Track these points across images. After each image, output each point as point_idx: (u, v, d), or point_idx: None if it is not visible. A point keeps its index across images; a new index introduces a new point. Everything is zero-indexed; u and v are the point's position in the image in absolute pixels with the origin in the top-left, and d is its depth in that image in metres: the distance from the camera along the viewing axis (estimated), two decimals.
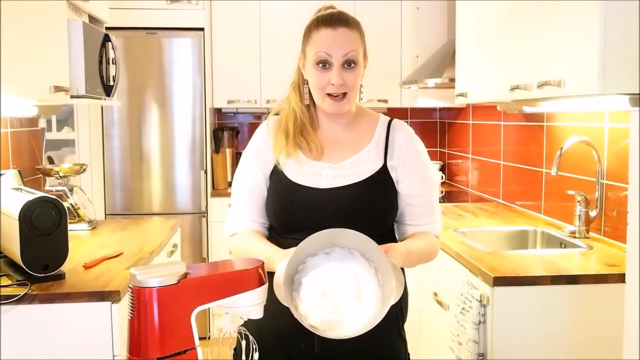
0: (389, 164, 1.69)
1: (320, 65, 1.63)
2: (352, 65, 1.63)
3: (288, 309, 1.35)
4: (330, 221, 1.57)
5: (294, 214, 1.68)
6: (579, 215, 2.70)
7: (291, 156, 1.69)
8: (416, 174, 1.71)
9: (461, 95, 3.31)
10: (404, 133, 1.74)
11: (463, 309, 2.31)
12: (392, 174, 1.69)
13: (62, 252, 2.08)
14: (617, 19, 1.96)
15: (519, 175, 3.51)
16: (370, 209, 1.67)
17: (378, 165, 1.69)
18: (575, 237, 2.68)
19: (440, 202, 4.06)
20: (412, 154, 1.72)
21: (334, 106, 1.65)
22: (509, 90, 2.60)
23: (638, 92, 1.97)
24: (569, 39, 2.16)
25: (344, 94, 1.64)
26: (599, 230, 2.69)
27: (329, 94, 1.64)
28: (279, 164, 1.70)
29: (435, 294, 2.80)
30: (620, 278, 2.06)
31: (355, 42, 1.64)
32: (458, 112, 4.54)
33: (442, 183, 4.75)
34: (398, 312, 1.79)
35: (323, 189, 1.66)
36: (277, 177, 1.71)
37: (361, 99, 1.71)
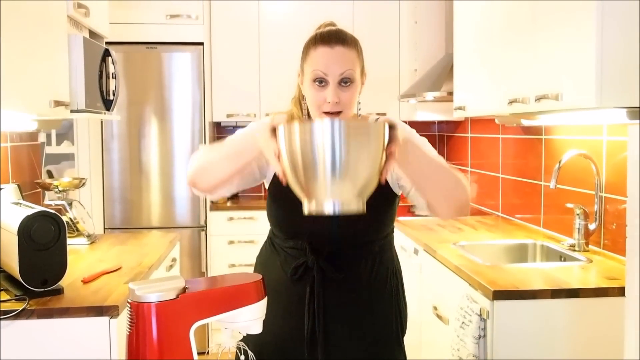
0: None
1: (317, 82, 1.64)
2: (348, 83, 1.64)
3: (288, 323, 1.35)
4: (329, 225, 1.61)
5: (299, 218, 1.70)
6: (578, 229, 2.70)
7: None
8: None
9: (459, 108, 3.32)
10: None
11: (463, 323, 2.30)
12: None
13: (60, 267, 2.08)
14: (614, 33, 1.97)
15: (518, 188, 3.51)
16: (367, 210, 1.68)
17: None
18: (574, 251, 2.68)
19: None
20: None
21: None
22: (507, 104, 2.61)
23: (635, 106, 1.98)
24: (566, 52, 2.17)
25: (340, 112, 1.65)
26: (599, 243, 2.69)
27: (325, 112, 1.65)
28: None
29: (435, 308, 2.79)
30: (621, 291, 2.05)
31: (352, 60, 1.65)
32: (456, 125, 4.55)
33: None
34: (397, 325, 1.79)
35: None
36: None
37: (359, 115, 1.73)
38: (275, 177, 1.74)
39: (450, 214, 1.65)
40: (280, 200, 1.74)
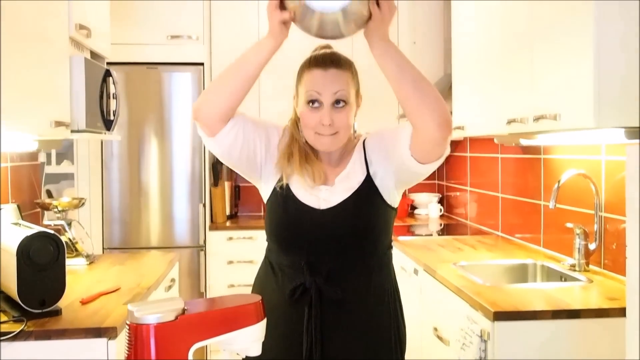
0: (371, 171, 1.73)
1: (311, 104, 1.66)
2: (342, 104, 1.66)
3: (286, 344, 1.34)
4: (327, 239, 1.67)
5: (296, 230, 1.71)
6: (579, 248, 2.69)
7: (294, 178, 1.72)
8: (382, 143, 1.74)
9: (458, 128, 3.32)
10: (373, 134, 1.79)
11: (464, 344, 2.29)
12: (377, 181, 1.72)
13: (59, 288, 2.07)
14: (612, 53, 1.98)
15: (517, 207, 3.51)
16: (361, 224, 1.69)
17: (363, 176, 1.73)
18: (575, 271, 2.67)
19: (439, 234, 4.08)
20: (377, 138, 1.76)
21: (324, 145, 1.69)
22: (506, 124, 2.62)
23: (633, 125, 1.99)
24: (564, 73, 2.18)
25: (335, 133, 1.66)
26: (599, 263, 2.68)
27: (319, 134, 1.66)
28: (284, 179, 1.73)
29: (436, 329, 2.77)
30: (622, 312, 2.04)
31: (346, 81, 1.67)
32: (456, 144, 4.56)
33: (441, 216, 4.75)
34: (397, 345, 1.79)
35: (322, 209, 1.71)
36: (283, 193, 1.73)
37: (355, 137, 1.75)
38: (274, 189, 1.74)
39: (435, 127, 1.51)
40: (279, 212, 1.74)
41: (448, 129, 1.52)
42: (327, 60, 1.68)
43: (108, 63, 3.27)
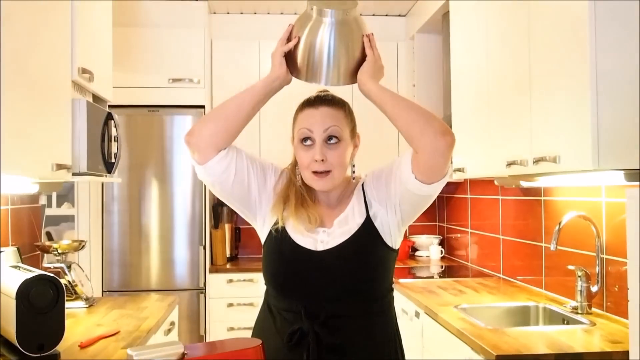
0: (371, 213, 1.72)
1: (304, 142, 1.68)
2: (335, 141, 1.67)
3: None
4: (324, 283, 1.65)
5: (293, 274, 1.69)
6: (581, 291, 2.68)
7: (290, 221, 1.72)
8: (381, 178, 1.74)
9: (459, 170, 3.34)
10: (370, 175, 1.79)
11: None
12: (377, 223, 1.71)
13: (58, 331, 2.06)
14: (610, 95, 2.00)
15: (518, 249, 3.50)
16: (359, 268, 1.67)
17: (362, 218, 1.72)
18: (577, 313, 2.65)
19: (440, 277, 4.06)
20: (375, 177, 1.76)
21: (318, 183, 1.70)
22: (506, 166, 2.63)
23: (633, 168, 2.00)
24: (563, 115, 2.20)
25: (329, 171, 1.67)
26: (602, 306, 2.66)
27: (314, 172, 1.67)
28: (280, 221, 1.73)
29: None
30: (625, 355, 2.03)
31: (338, 119, 1.69)
32: (456, 186, 4.58)
33: (442, 258, 4.73)
34: None
35: (319, 251, 1.69)
36: (279, 236, 1.72)
37: (353, 178, 1.75)
38: (270, 232, 1.74)
39: (438, 136, 1.53)
40: (275, 255, 1.74)
41: (450, 136, 1.54)
42: (318, 100, 1.72)
43: (110, 106, 3.31)
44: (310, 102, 1.72)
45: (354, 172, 1.79)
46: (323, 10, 1.57)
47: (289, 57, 1.65)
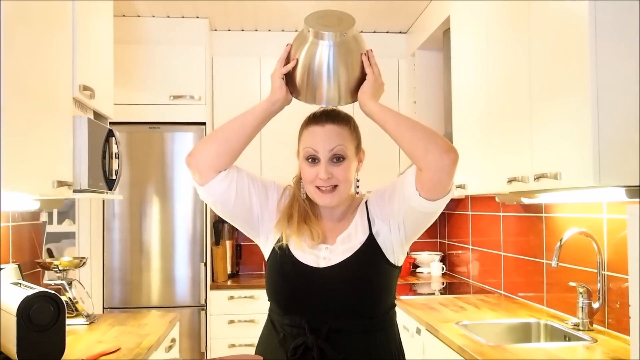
0: (373, 231, 1.72)
1: (309, 160, 1.68)
2: (341, 159, 1.68)
3: None
4: (326, 299, 1.65)
5: (296, 290, 1.69)
6: (582, 307, 2.67)
7: (293, 239, 1.72)
8: (385, 196, 1.74)
9: (460, 187, 3.34)
10: (374, 193, 1.79)
11: None
12: (379, 240, 1.71)
13: (59, 349, 2.05)
14: (611, 112, 2.01)
15: (519, 266, 3.49)
16: (361, 285, 1.67)
17: (365, 235, 1.72)
18: (579, 330, 2.64)
19: (441, 293, 4.05)
20: (378, 195, 1.77)
21: (323, 199, 1.70)
22: (507, 183, 2.64)
23: (634, 184, 2.00)
24: (564, 132, 2.21)
25: (335, 187, 1.67)
26: (603, 322, 2.65)
27: (318, 187, 1.68)
28: (284, 239, 1.73)
29: None
30: None
31: (343, 137, 1.69)
32: (457, 203, 4.58)
33: (443, 274, 4.72)
34: None
35: (322, 268, 1.69)
36: (282, 253, 1.73)
37: (357, 193, 1.76)
38: (273, 249, 1.74)
39: (443, 153, 1.53)
40: (278, 271, 1.73)
41: (454, 154, 1.54)
42: (323, 117, 1.72)
43: (111, 123, 3.32)
44: (316, 119, 1.72)
45: (358, 186, 1.79)
46: (320, 33, 1.56)
47: (289, 78, 1.65)
